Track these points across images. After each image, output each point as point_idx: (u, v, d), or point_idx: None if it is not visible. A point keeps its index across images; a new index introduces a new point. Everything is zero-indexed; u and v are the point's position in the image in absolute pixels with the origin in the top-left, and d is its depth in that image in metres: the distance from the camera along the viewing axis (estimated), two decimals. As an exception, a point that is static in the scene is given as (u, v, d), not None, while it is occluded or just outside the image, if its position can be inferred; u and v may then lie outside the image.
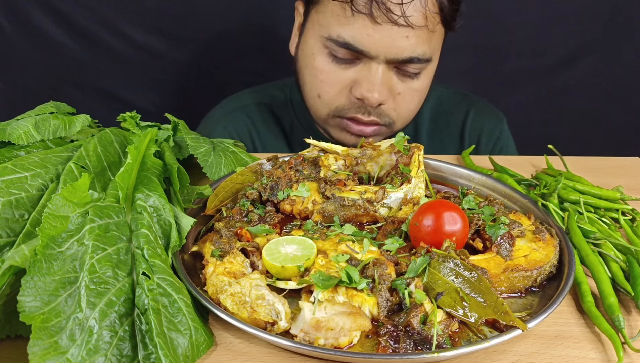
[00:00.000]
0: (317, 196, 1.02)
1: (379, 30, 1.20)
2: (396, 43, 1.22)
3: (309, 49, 1.33)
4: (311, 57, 1.32)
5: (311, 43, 1.32)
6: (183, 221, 0.88)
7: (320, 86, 1.33)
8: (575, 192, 1.09)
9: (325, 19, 1.26)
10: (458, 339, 0.76)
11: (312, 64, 1.33)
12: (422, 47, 1.25)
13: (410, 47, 1.23)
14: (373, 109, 1.30)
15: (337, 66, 1.29)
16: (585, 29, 2.04)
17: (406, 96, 1.32)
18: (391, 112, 1.33)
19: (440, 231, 0.86)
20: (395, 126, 1.37)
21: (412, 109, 1.37)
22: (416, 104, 1.37)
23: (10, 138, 0.97)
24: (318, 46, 1.30)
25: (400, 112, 1.34)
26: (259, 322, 0.75)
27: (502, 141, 1.59)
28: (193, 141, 1.11)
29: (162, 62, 2.04)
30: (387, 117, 1.33)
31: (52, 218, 0.75)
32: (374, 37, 1.21)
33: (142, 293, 0.73)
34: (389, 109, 1.32)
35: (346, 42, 1.23)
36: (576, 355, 0.76)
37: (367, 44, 1.22)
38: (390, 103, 1.32)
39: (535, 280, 0.86)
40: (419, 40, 1.23)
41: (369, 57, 1.25)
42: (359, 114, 1.32)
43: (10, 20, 1.94)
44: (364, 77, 1.27)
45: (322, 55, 1.30)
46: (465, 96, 1.65)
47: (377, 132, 1.36)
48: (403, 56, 1.24)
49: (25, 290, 0.68)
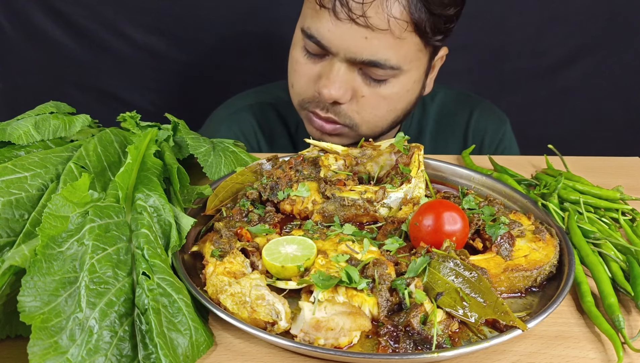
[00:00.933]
0: (317, 196, 1.02)
1: (339, 26, 1.21)
2: (355, 42, 1.21)
3: (294, 39, 1.37)
4: (293, 47, 1.36)
5: (296, 33, 1.36)
6: (183, 221, 0.88)
7: (293, 75, 1.36)
8: (575, 192, 1.09)
9: (305, 11, 1.30)
10: (458, 339, 0.76)
11: (292, 54, 1.36)
12: (385, 52, 1.22)
13: (369, 49, 1.21)
14: (330, 106, 1.30)
15: (308, 59, 1.31)
16: (585, 29, 2.04)
17: (371, 100, 1.30)
18: (353, 115, 1.31)
19: (440, 231, 0.86)
20: (361, 130, 1.34)
21: (379, 115, 1.33)
22: (385, 111, 1.33)
23: (10, 138, 0.97)
24: (298, 37, 1.33)
25: (365, 116, 1.32)
26: (259, 322, 0.75)
27: (505, 142, 1.59)
28: (193, 141, 1.11)
29: (162, 62, 2.04)
30: (348, 118, 1.32)
31: (52, 218, 0.75)
32: (334, 32, 1.22)
33: (142, 293, 0.73)
34: (350, 110, 1.30)
35: (312, 35, 1.25)
36: (576, 355, 0.76)
37: (328, 38, 1.23)
38: (353, 105, 1.30)
39: (535, 280, 0.86)
40: (381, 44, 1.21)
41: (332, 54, 1.26)
42: (317, 108, 1.33)
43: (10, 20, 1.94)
44: (324, 73, 1.28)
45: (299, 46, 1.33)
46: (469, 96, 1.65)
47: (337, 131, 1.35)
48: (362, 57, 1.22)
49: (25, 290, 0.68)
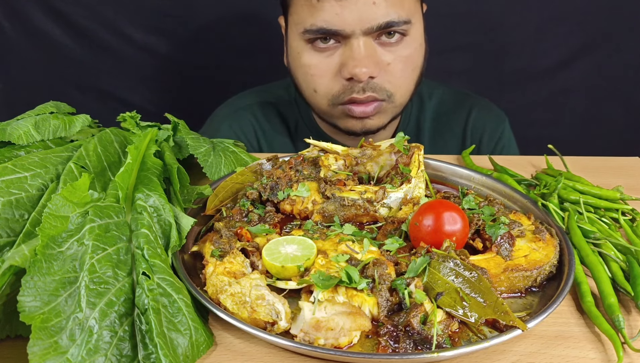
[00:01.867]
0: (317, 196, 1.02)
1: (345, 5, 1.23)
2: (366, 13, 1.23)
3: (295, 51, 1.36)
4: (298, 58, 1.36)
5: (294, 45, 1.36)
6: (183, 221, 0.88)
7: (312, 80, 1.36)
8: (575, 192, 1.09)
9: (299, 17, 1.31)
10: (458, 339, 0.76)
11: (300, 63, 1.36)
12: (395, 9, 1.26)
13: (381, 12, 1.24)
14: (366, 84, 1.31)
15: (322, 55, 1.32)
16: (585, 29, 2.04)
17: (397, 64, 1.32)
18: (386, 85, 1.33)
19: (440, 231, 0.86)
20: (396, 99, 1.37)
21: (408, 77, 1.37)
22: (410, 71, 1.37)
23: (10, 138, 0.97)
24: (300, 44, 1.33)
25: (396, 82, 1.34)
26: (259, 322, 0.75)
27: (504, 140, 1.59)
28: (193, 141, 1.11)
29: (162, 62, 2.04)
30: (384, 91, 1.33)
31: (52, 218, 0.75)
32: (343, 14, 1.23)
33: (142, 293, 0.73)
34: (383, 81, 1.33)
35: (320, 28, 1.26)
36: (576, 355, 0.76)
37: (339, 22, 1.24)
38: (383, 75, 1.32)
39: (535, 280, 0.86)
40: (389, 5, 1.25)
41: (346, 36, 1.27)
42: (354, 94, 1.33)
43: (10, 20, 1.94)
44: (347, 57, 1.29)
45: (305, 51, 1.33)
46: (468, 95, 1.65)
47: (378, 108, 1.36)
48: (378, 22, 1.25)
49: (25, 290, 0.68)
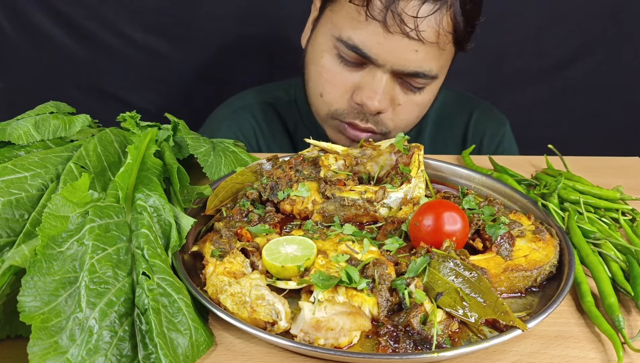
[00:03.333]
0: (317, 196, 1.02)
1: (390, 39, 1.19)
2: (405, 55, 1.21)
3: (319, 46, 1.33)
4: (319, 55, 1.32)
5: (321, 40, 1.32)
6: (183, 221, 0.88)
7: (323, 84, 1.33)
8: (575, 192, 1.09)
9: (339, 20, 1.26)
10: (458, 339, 0.76)
11: (319, 62, 1.32)
12: (430, 63, 1.24)
13: (417, 61, 1.22)
14: (371, 116, 1.30)
15: (343, 67, 1.29)
16: (585, 29, 2.04)
17: (406, 108, 1.32)
18: (388, 122, 1.33)
19: (440, 231, 0.86)
20: (390, 136, 1.36)
21: (410, 121, 1.37)
22: (415, 117, 1.37)
23: (10, 138, 0.97)
24: (328, 44, 1.29)
25: (398, 123, 1.34)
26: (259, 322, 0.75)
27: (505, 144, 1.59)
28: (193, 141, 1.11)
29: (162, 62, 2.03)
30: (384, 126, 1.33)
31: (52, 218, 0.75)
32: (383, 45, 1.20)
33: (142, 293, 0.73)
34: (386, 118, 1.32)
35: (355, 46, 1.23)
36: (576, 355, 0.76)
37: (377, 51, 1.21)
38: (389, 113, 1.31)
39: (535, 280, 0.86)
40: (428, 56, 1.23)
41: (376, 65, 1.24)
42: (357, 120, 1.31)
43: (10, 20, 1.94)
44: (367, 84, 1.26)
45: (330, 54, 1.30)
46: (469, 98, 1.65)
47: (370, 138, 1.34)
48: (409, 69, 1.23)
49: (25, 290, 0.68)
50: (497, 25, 2.03)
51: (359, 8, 1.20)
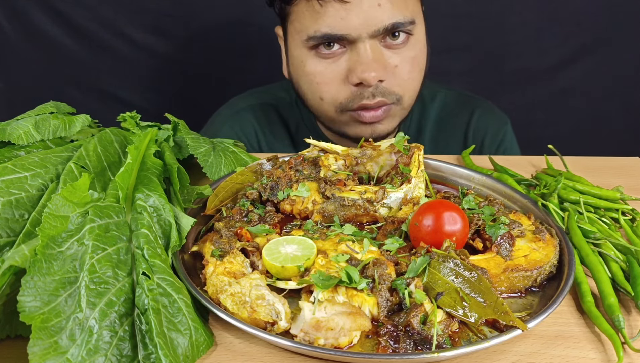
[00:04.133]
0: (317, 196, 1.02)
1: (350, 9, 1.21)
2: (371, 15, 1.22)
3: (297, 60, 1.34)
4: (301, 66, 1.33)
5: (297, 53, 1.34)
6: (183, 221, 0.88)
7: (318, 88, 1.33)
8: (575, 192, 1.09)
9: (300, 24, 1.28)
10: (458, 339, 0.76)
11: (304, 72, 1.33)
12: (400, 10, 1.25)
13: (387, 14, 1.23)
14: (375, 89, 1.30)
15: (327, 61, 1.30)
16: (585, 29, 2.04)
17: (405, 66, 1.31)
18: (395, 88, 1.32)
19: (440, 231, 0.86)
20: (405, 101, 1.35)
21: (415, 78, 1.35)
22: (417, 72, 1.35)
23: (10, 138, 0.97)
24: (303, 52, 1.31)
25: (404, 85, 1.33)
26: (259, 322, 0.75)
27: (506, 142, 1.59)
28: (193, 141, 1.11)
29: (162, 62, 2.04)
30: (393, 94, 1.32)
31: (52, 218, 0.75)
32: (347, 18, 1.22)
33: (142, 293, 0.73)
34: (391, 85, 1.31)
35: (325, 34, 1.24)
36: (576, 355, 0.76)
37: (345, 27, 1.23)
38: (391, 79, 1.31)
39: (535, 280, 0.86)
40: (393, 6, 1.23)
41: (352, 41, 1.25)
42: (364, 100, 1.31)
43: (10, 20, 1.95)
44: (355, 62, 1.27)
45: (310, 58, 1.31)
46: (470, 97, 1.65)
47: (387, 112, 1.34)
48: (384, 25, 1.24)
49: (25, 290, 0.68)
50: (497, 25, 2.04)
51: (310, 2, 1.23)
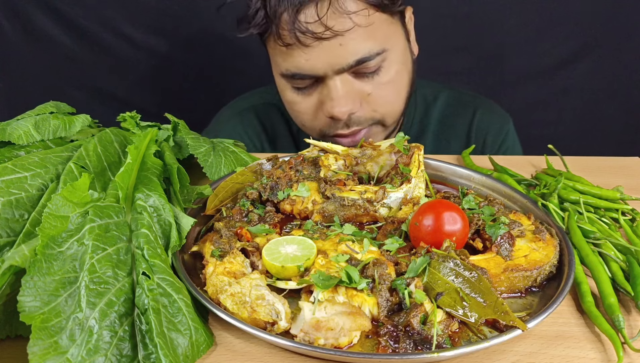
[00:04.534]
0: (317, 196, 1.02)
1: (311, 51, 1.21)
2: (334, 56, 1.21)
3: (279, 86, 1.38)
4: (283, 92, 1.37)
5: (278, 81, 1.37)
6: (183, 221, 0.88)
7: (298, 116, 1.37)
8: (575, 192, 1.09)
9: (275, 59, 1.31)
10: (458, 339, 0.76)
11: (285, 99, 1.38)
12: (365, 44, 1.22)
13: (350, 51, 1.21)
14: (349, 120, 1.30)
15: (302, 95, 1.32)
16: (585, 29, 2.04)
17: (379, 92, 1.30)
18: (372, 114, 1.32)
19: (440, 231, 0.86)
20: (387, 121, 1.35)
21: (392, 101, 1.34)
22: (395, 94, 1.34)
23: (10, 138, 0.97)
24: (282, 81, 1.34)
25: (381, 109, 1.33)
26: (259, 322, 0.75)
27: (508, 141, 1.59)
28: (193, 141, 1.11)
29: (162, 62, 2.04)
30: (369, 119, 1.32)
31: (52, 218, 0.75)
32: (310, 59, 1.22)
33: (142, 293, 0.73)
34: (366, 113, 1.31)
35: (294, 73, 1.26)
36: (576, 355, 0.76)
37: (310, 67, 1.23)
38: (365, 107, 1.30)
39: (535, 280, 0.86)
40: (357, 42, 1.21)
41: (320, 77, 1.26)
42: (338, 130, 1.32)
43: (10, 20, 1.95)
44: (325, 96, 1.28)
45: (287, 89, 1.34)
46: (472, 97, 1.65)
47: (367, 133, 1.35)
48: (348, 62, 1.22)
49: (25, 290, 0.68)
50: (497, 25, 2.04)
51: (276, 42, 1.24)
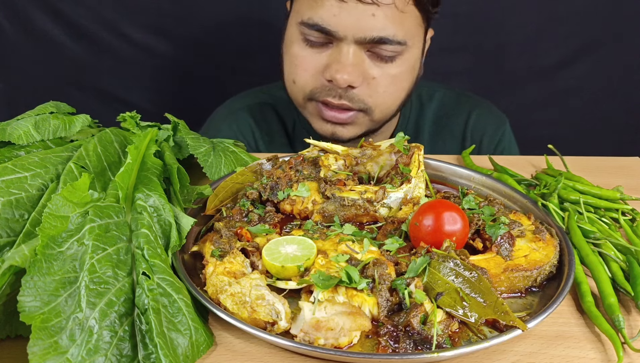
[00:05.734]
0: (317, 196, 1.02)
1: (344, 8, 1.22)
2: (363, 21, 1.23)
3: (288, 38, 1.37)
4: (289, 45, 1.36)
5: (290, 32, 1.36)
6: (183, 221, 0.88)
7: (295, 71, 1.36)
8: (575, 192, 1.09)
9: (300, 6, 1.30)
10: (458, 339, 0.76)
11: (289, 52, 1.36)
12: (392, 27, 1.25)
13: (377, 26, 1.24)
14: (344, 92, 1.31)
15: (311, 50, 1.32)
16: (585, 29, 2.04)
17: (382, 81, 1.32)
18: (366, 98, 1.33)
19: (440, 231, 0.86)
20: (375, 115, 1.36)
21: (390, 96, 1.36)
22: (395, 91, 1.36)
23: (10, 138, 0.97)
24: (295, 33, 1.33)
25: (377, 99, 1.34)
26: (259, 322, 0.75)
27: (505, 142, 1.59)
28: (193, 141, 1.11)
29: (162, 62, 2.04)
30: (361, 102, 1.33)
31: (52, 218, 0.75)
32: (340, 16, 1.23)
33: (142, 293, 0.73)
34: (363, 94, 1.32)
35: (316, 24, 1.26)
36: (576, 355, 0.76)
37: (335, 23, 1.24)
38: (365, 88, 1.31)
39: (535, 280, 0.86)
40: (387, 20, 1.24)
41: (339, 39, 1.26)
42: (329, 97, 1.32)
43: (10, 20, 1.95)
44: (334, 59, 1.29)
45: (297, 41, 1.33)
46: (468, 97, 1.65)
47: (352, 118, 1.35)
48: (371, 35, 1.24)
49: (25, 290, 0.68)
50: (497, 25, 2.04)
51: None
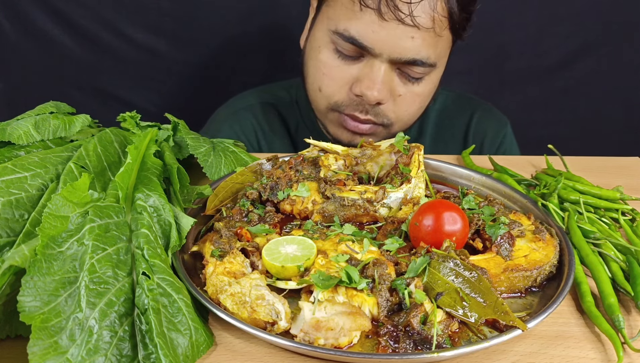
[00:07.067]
0: (317, 196, 1.02)
1: (385, 27, 1.20)
2: (401, 42, 1.21)
3: (316, 42, 1.34)
4: (317, 50, 1.33)
5: (319, 36, 1.33)
6: (183, 221, 0.88)
7: (322, 79, 1.33)
8: (575, 192, 1.09)
9: (335, 13, 1.27)
10: (458, 339, 0.76)
11: (317, 57, 1.33)
12: (427, 50, 1.24)
13: (414, 48, 1.22)
14: (371, 107, 1.30)
15: (341, 61, 1.29)
16: (585, 29, 2.04)
17: (407, 99, 1.32)
18: (390, 114, 1.33)
19: (440, 231, 0.86)
20: (393, 128, 1.36)
21: (412, 113, 1.37)
22: (417, 108, 1.37)
23: (10, 138, 0.97)
24: (325, 39, 1.31)
25: (400, 115, 1.34)
26: (259, 322, 0.75)
27: (506, 145, 1.59)
28: (193, 141, 1.11)
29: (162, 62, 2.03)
30: (385, 118, 1.33)
31: (52, 218, 0.75)
32: (379, 33, 1.21)
33: (142, 293, 0.73)
34: (387, 110, 1.32)
35: (352, 37, 1.23)
36: (576, 355, 0.76)
37: (372, 40, 1.22)
38: (390, 104, 1.31)
39: (535, 280, 0.86)
40: (424, 43, 1.23)
41: (373, 55, 1.25)
42: (356, 111, 1.32)
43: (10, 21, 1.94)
44: (365, 75, 1.27)
45: (327, 49, 1.30)
46: (470, 99, 1.65)
47: (372, 130, 1.35)
48: (407, 57, 1.23)
49: (25, 290, 0.68)
50: (497, 25, 2.03)
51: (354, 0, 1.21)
